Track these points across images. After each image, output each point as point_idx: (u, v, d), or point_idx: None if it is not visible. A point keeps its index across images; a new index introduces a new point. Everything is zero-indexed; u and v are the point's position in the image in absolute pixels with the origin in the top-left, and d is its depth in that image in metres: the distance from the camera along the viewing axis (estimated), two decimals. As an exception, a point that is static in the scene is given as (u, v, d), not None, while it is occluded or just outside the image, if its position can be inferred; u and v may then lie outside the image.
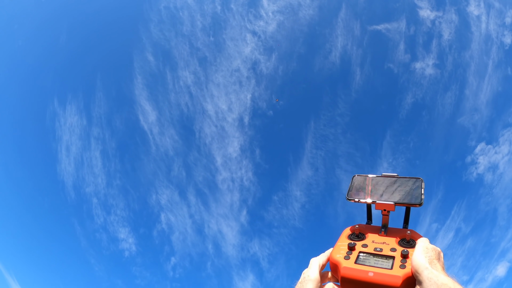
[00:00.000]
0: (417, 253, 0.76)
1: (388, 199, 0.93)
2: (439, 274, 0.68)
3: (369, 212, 1.01)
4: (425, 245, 0.78)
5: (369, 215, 1.01)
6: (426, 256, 0.74)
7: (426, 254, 0.74)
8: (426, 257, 0.73)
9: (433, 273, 0.68)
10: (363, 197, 0.97)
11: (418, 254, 0.75)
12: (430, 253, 0.75)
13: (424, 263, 0.71)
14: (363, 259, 0.82)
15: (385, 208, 0.93)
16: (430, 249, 0.77)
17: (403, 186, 0.96)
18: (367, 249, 0.86)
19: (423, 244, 0.79)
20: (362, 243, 0.89)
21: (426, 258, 0.73)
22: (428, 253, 0.75)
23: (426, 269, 0.70)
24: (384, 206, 0.93)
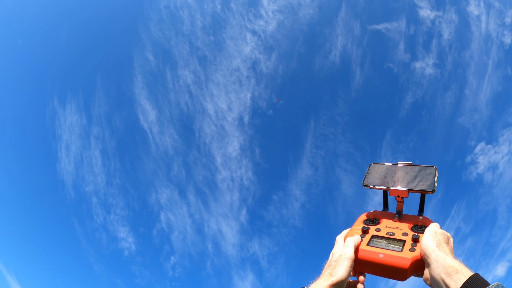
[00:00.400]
0: (426, 236, 0.79)
1: (402, 186, 0.96)
2: (446, 257, 0.70)
3: (385, 199, 1.03)
4: (435, 229, 0.80)
5: (385, 202, 1.04)
6: (434, 240, 0.76)
7: (434, 238, 0.77)
8: (435, 240, 0.76)
9: (441, 256, 0.70)
10: (379, 183, 1.00)
11: (427, 237, 0.78)
12: (439, 236, 0.77)
13: (432, 246, 0.74)
14: (375, 242, 0.85)
15: (399, 195, 0.96)
16: (439, 233, 0.79)
17: (417, 173, 0.98)
18: (380, 233, 0.89)
19: (433, 228, 0.81)
20: (375, 227, 0.92)
21: (434, 241, 0.75)
22: (436, 236, 0.77)
23: (434, 252, 0.72)
24: (398, 192, 0.96)
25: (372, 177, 1.04)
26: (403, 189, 0.95)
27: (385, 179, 1.01)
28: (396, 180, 0.99)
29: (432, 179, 0.94)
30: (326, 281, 0.78)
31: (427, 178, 0.96)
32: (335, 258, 0.84)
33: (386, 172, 1.04)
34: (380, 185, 1.00)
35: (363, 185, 1.02)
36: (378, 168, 1.06)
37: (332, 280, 0.78)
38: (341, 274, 0.79)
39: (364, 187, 1.01)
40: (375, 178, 1.03)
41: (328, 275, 0.80)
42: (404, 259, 0.77)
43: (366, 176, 1.05)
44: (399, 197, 0.97)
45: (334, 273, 0.79)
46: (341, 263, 0.81)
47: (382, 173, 1.04)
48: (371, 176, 1.04)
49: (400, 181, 0.98)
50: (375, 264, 0.80)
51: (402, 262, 0.77)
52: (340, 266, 0.80)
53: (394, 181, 0.99)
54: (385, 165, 1.06)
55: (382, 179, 1.02)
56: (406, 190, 0.95)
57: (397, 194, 0.96)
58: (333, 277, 0.79)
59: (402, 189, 0.95)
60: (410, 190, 0.94)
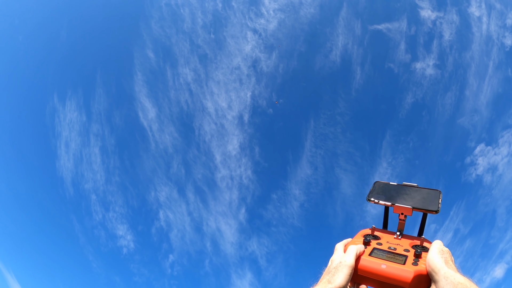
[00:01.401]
0: (433, 253, 0.78)
1: (407, 203, 0.98)
2: (455, 274, 0.70)
3: (386, 216, 1.05)
4: (441, 247, 0.81)
5: (385, 220, 1.06)
6: (442, 257, 0.76)
7: (442, 255, 0.77)
8: (442, 258, 0.76)
9: (450, 273, 0.70)
10: (383, 199, 1.02)
11: (434, 254, 0.78)
12: (446, 254, 0.77)
13: (440, 263, 0.74)
14: (378, 253, 0.85)
15: (403, 212, 0.97)
16: (445, 251, 0.79)
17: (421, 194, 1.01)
18: (381, 247, 0.89)
19: (438, 246, 0.81)
20: (377, 242, 0.92)
21: (442, 258, 0.75)
22: (444, 254, 0.77)
23: (443, 269, 0.72)
24: (402, 209, 0.97)
25: (377, 192, 1.06)
26: (408, 207, 0.96)
27: (390, 196, 1.03)
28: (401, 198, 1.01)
29: (437, 200, 0.96)
30: None
31: (432, 199, 0.97)
32: (334, 265, 0.82)
33: (391, 190, 1.06)
34: (385, 201, 1.01)
35: (368, 199, 1.04)
36: (383, 186, 1.08)
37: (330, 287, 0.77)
38: (340, 281, 0.77)
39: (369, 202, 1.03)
40: (379, 194, 1.05)
41: (326, 282, 0.79)
42: (407, 272, 0.77)
43: (371, 192, 1.07)
44: (402, 215, 0.98)
45: (333, 280, 0.78)
46: (340, 270, 0.79)
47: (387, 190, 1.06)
48: (376, 191, 1.06)
49: (405, 199, 1.00)
50: (377, 275, 0.80)
51: (405, 275, 0.76)
52: (339, 274, 0.79)
53: (398, 199, 1.01)
54: (390, 184, 1.08)
55: (386, 196, 1.03)
56: (411, 207, 0.96)
57: (401, 211, 0.97)
58: (331, 284, 0.77)
59: (407, 206, 0.96)
60: (414, 208, 0.96)
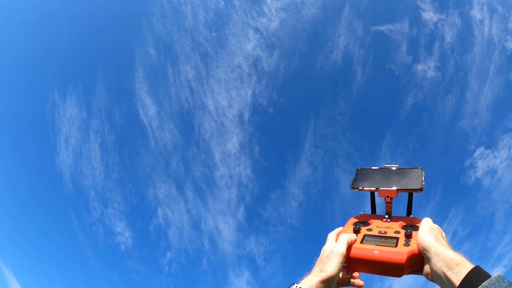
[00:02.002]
0: (422, 231, 0.78)
1: (391, 186, 0.98)
2: (446, 250, 0.70)
3: (373, 202, 1.06)
4: (430, 225, 0.81)
5: (373, 205, 1.06)
6: (432, 234, 0.76)
7: (432, 232, 0.77)
8: (432, 235, 0.76)
9: (441, 249, 0.70)
10: (367, 185, 1.03)
11: (424, 232, 0.78)
12: (435, 231, 0.78)
13: (430, 240, 0.74)
14: (369, 240, 0.86)
15: (388, 195, 0.98)
16: (435, 228, 0.80)
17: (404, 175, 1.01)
18: (371, 232, 0.90)
19: (428, 223, 0.81)
20: (367, 228, 0.93)
21: (432, 235, 0.76)
22: (433, 231, 0.77)
23: (433, 246, 0.72)
24: (387, 192, 0.98)
25: (360, 179, 1.06)
26: (392, 189, 0.97)
27: (374, 181, 1.03)
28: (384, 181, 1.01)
29: (420, 179, 0.96)
30: (316, 277, 0.78)
31: (415, 178, 0.98)
32: (326, 254, 0.84)
33: (374, 174, 1.06)
34: (369, 187, 1.02)
35: (352, 187, 1.04)
36: (365, 172, 1.09)
37: (323, 276, 0.77)
38: (332, 269, 0.78)
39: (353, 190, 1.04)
40: (363, 181, 1.05)
41: (318, 271, 0.79)
42: (400, 254, 0.77)
43: (354, 179, 1.07)
44: (388, 198, 0.98)
45: (325, 269, 0.79)
46: (331, 259, 0.80)
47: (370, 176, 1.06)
48: (359, 179, 1.07)
49: (389, 182, 1.00)
50: (371, 261, 0.80)
51: (398, 257, 0.77)
52: (330, 262, 0.80)
53: (382, 182, 1.01)
54: (372, 169, 1.09)
55: (370, 181, 1.04)
56: (395, 189, 0.96)
57: (386, 194, 0.98)
58: (323, 272, 0.78)
59: (391, 189, 0.97)
60: (399, 189, 0.96)
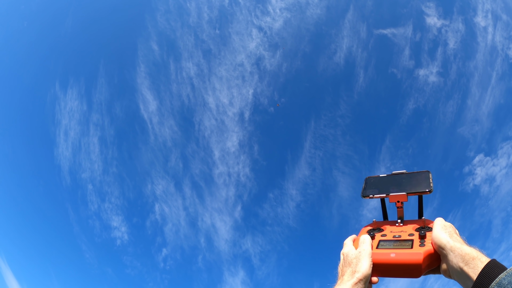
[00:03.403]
0: (437, 230, 0.80)
1: (400, 191, 1.00)
2: (462, 246, 0.70)
3: (384, 208, 1.08)
4: (443, 223, 0.82)
5: (384, 211, 1.08)
6: (446, 232, 0.77)
7: (445, 230, 0.78)
8: (446, 232, 0.77)
9: (456, 245, 0.71)
10: (377, 193, 1.05)
11: (438, 230, 0.79)
12: (449, 229, 0.79)
13: (445, 238, 0.75)
14: (384, 244, 0.87)
15: (399, 200, 1.00)
16: (448, 225, 0.80)
17: (412, 179, 1.03)
18: (386, 237, 0.91)
19: (441, 222, 0.83)
20: (381, 234, 0.94)
21: (446, 233, 0.76)
22: (447, 229, 0.78)
23: (448, 243, 0.73)
24: (397, 197, 1.00)
25: (370, 188, 1.08)
26: (402, 194, 0.99)
27: (383, 188, 1.05)
28: (394, 187, 1.03)
29: (428, 181, 0.98)
30: (351, 279, 0.77)
31: (423, 181, 1.00)
32: (352, 256, 0.84)
33: (383, 182, 1.08)
34: (379, 194, 1.04)
35: (363, 196, 1.06)
36: (374, 180, 1.11)
37: (358, 276, 0.77)
38: (365, 268, 0.79)
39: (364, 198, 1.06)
40: (372, 189, 1.07)
41: (351, 273, 0.79)
42: (417, 254, 0.78)
43: (364, 188, 1.09)
44: (399, 203, 1.00)
45: (358, 269, 0.79)
46: (363, 259, 0.81)
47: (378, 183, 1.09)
48: (369, 187, 1.09)
49: (398, 187, 1.03)
50: (388, 265, 0.81)
51: (415, 258, 0.78)
52: (362, 262, 0.80)
53: (391, 188, 1.04)
54: (380, 176, 1.11)
55: (379, 189, 1.06)
56: (405, 193, 0.99)
57: (397, 199, 1.00)
58: (357, 273, 0.78)
59: (400, 193, 0.99)
60: (408, 193, 0.98)
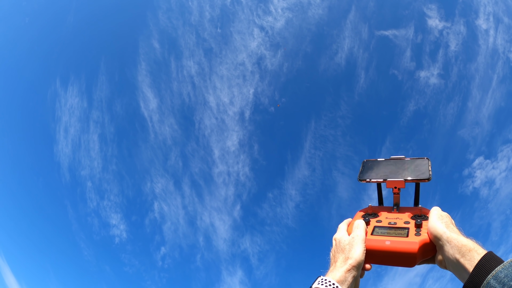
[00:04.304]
0: (433, 219, 0.78)
1: (398, 177, 0.98)
2: (458, 237, 0.70)
3: (380, 193, 1.05)
4: (439, 213, 0.80)
5: (380, 196, 1.05)
6: (442, 222, 0.76)
7: (442, 220, 0.77)
8: (443, 222, 0.76)
9: (453, 236, 0.70)
10: (374, 177, 1.02)
11: (435, 220, 0.77)
12: (446, 219, 0.77)
13: (442, 228, 0.74)
14: (379, 231, 0.86)
15: (396, 186, 0.97)
16: (444, 215, 0.79)
17: (411, 165, 1.00)
18: (381, 224, 0.89)
19: (437, 212, 0.81)
20: (376, 219, 0.92)
21: (443, 223, 0.75)
22: (443, 219, 0.77)
23: (445, 233, 0.72)
24: (395, 183, 0.97)
25: (367, 171, 1.05)
26: (400, 180, 0.97)
27: (380, 173, 1.03)
28: (392, 172, 1.01)
29: (427, 168, 0.96)
30: (343, 266, 0.76)
31: (422, 168, 0.97)
32: (345, 242, 0.82)
33: (381, 166, 1.06)
34: (376, 178, 1.01)
35: (359, 179, 1.03)
36: (371, 164, 1.08)
37: (350, 263, 0.76)
38: (358, 254, 0.77)
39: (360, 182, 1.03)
40: (370, 172, 1.04)
41: (343, 260, 0.77)
42: (412, 243, 0.77)
43: (361, 171, 1.06)
44: (396, 189, 0.98)
45: (351, 255, 0.77)
46: (356, 245, 0.79)
47: (376, 167, 1.06)
48: (366, 171, 1.06)
49: (396, 172, 1.00)
50: (383, 252, 0.79)
51: (410, 247, 0.76)
52: (355, 248, 0.78)
53: (389, 173, 1.01)
54: (378, 160, 1.08)
55: (377, 173, 1.03)
56: (403, 180, 0.96)
57: (394, 185, 0.98)
58: (350, 259, 0.76)
59: (398, 179, 0.97)
60: (406, 180, 0.96)
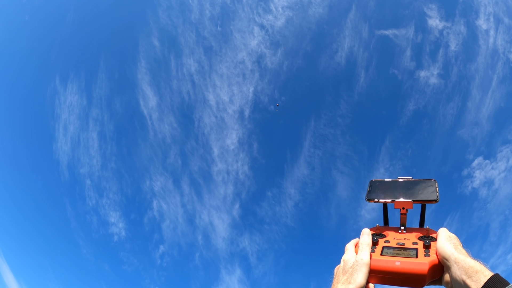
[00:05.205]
0: (442, 240, 0.80)
1: (406, 197, 1.00)
2: (466, 258, 0.72)
3: (386, 214, 1.07)
4: (448, 234, 0.83)
5: (385, 217, 1.07)
6: (451, 243, 0.78)
7: (450, 241, 0.79)
8: (451, 243, 0.78)
9: (460, 257, 0.72)
10: (382, 197, 1.04)
11: (443, 241, 0.79)
12: (454, 240, 0.79)
13: (450, 249, 0.76)
14: (388, 251, 0.87)
15: (404, 206, 0.99)
16: (453, 237, 0.81)
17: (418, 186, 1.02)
18: (390, 244, 0.91)
19: (446, 233, 0.83)
20: (384, 240, 0.93)
21: (451, 244, 0.77)
22: (452, 240, 0.79)
23: (453, 254, 0.74)
24: (403, 204, 0.99)
25: (375, 191, 1.07)
26: (408, 200, 0.99)
27: (388, 193, 1.05)
28: (400, 193, 1.03)
29: (434, 190, 0.98)
30: None
31: (429, 189, 0.99)
32: (350, 264, 0.83)
33: (388, 186, 1.07)
34: (384, 198, 1.03)
35: (367, 199, 1.05)
36: (379, 184, 1.10)
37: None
38: (360, 281, 0.78)
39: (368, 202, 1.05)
40: (378, 193, 1.06)
41: (346, 282, 0.79)
42: (422, 264, 0.78)
43: (369, 191, 1.08)
44: (404, 209, 1.00)
45: (353, 280, 0.79)
46: (358, 270, 0.81)
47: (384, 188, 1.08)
48: (374, 191, 1.08)
49: (404, 193, 1.02)
50: (392, 272, 0.81)
51: (420, 268, 0.78)
52: (358, 273, 0.80)
53: (397, 194, 1.03)
54: (385, 181, 1.10)
55: (385, 193, 1.05)
56: (411, 201, 0.98)
57: (402, 206, 0.99)
58: (351, 284, 0.78)
59: (407, 200, 0.99)
60: (414, 201, 0.98)
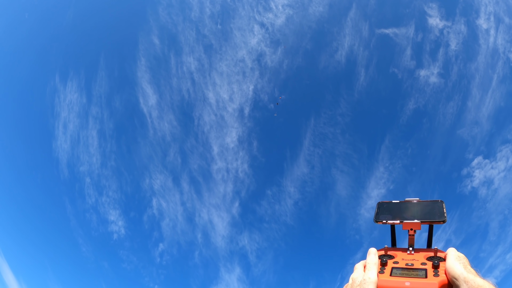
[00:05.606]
0: (451, 260, 0.81)
1: (414, 219, 1.01)
2: (475, 278, 0.72)
3: (393, 235, 1.08)
4: (456, 254, 0.83)
5: (393, 238, 1.08)
6: (460, 263, 0.78)
7: (460, 261, 0.79)
8: (461, 263, 0.78)
9: (470, 277, 0.73)
10: (391, 218, 1.05)
11: (453, 261, 0.80)
12: (463, 260, 0.80)
13: (459, 269, 0.76)
14: (397, 272, 0.87)
15: (412, 227, 1.01)
16: (462, 257, 0.82)
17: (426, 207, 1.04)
18: (399, 265, 0.91)
19: (454, 253, 0.84)
20: (393, 261, 0.94)
21: (460, 264, 0.78)
22: (461, 260, 0.80)
23: (462, 274, 0.74)
24: (411, 225, 1.01)
25: (383, 213, 1.08)
26: (416, 222, 1.00)
27: (396, 215, 1.06)
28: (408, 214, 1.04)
29: (442, 211, 1.00)
30: None
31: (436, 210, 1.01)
32: (358, 282, 0.84)
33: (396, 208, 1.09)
34: (392, 220, 1.04)
35: (376, 221, 1.06)
36: (387, 205, 1.11)
37: None
38: None
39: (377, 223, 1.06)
40: (386, 214, 1.07)
41: None
42: (431, 284, 0.78)
43: (377, 213, 1.09)
44: (412, 230, 1.01)
45: None
46: None
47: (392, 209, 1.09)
48: (382, 212, 1.09)
49: (412, 215, 1.03)
50: None
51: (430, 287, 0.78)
52: None
53: (405, 215, 1.04)
54: (393, 202, 1.11)
55: (393, 215, 1.06)
56: (419, 222, 1.00)
57: (410, 227, 1.01)
58: None
59: (415, 221, 1.00)
60: (423, 221, 0.99)
